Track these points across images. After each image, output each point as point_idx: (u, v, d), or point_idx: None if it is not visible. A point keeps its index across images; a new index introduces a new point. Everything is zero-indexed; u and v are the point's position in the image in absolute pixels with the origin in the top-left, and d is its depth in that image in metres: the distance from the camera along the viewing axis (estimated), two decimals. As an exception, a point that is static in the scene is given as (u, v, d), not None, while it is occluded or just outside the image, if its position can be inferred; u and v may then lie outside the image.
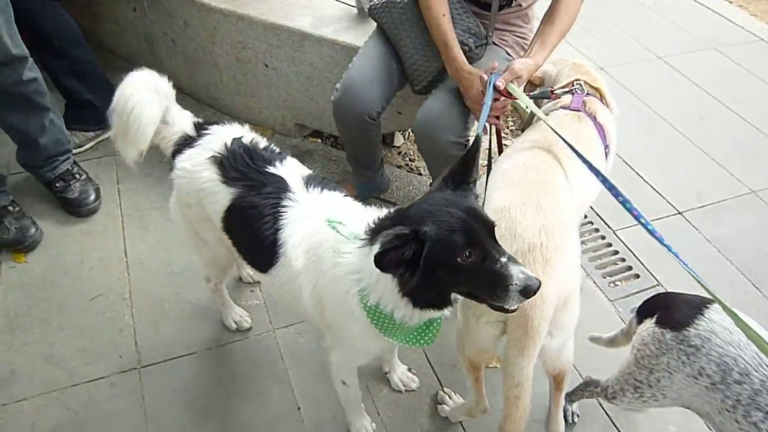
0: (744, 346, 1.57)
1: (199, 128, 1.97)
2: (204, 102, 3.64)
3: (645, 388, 1.76)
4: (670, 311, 1.72)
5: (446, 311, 1.56)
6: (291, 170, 1.84)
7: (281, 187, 1.77)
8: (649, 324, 1.75)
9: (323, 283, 1.67)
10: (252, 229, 1.75)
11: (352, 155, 2.91)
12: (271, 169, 1.81)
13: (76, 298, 2.57)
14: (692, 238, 3.02)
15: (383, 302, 1.52)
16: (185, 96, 3.74)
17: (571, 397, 2.17)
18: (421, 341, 1.64)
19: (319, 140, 3.47)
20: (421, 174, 3.26)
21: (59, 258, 2.74)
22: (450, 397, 2.25)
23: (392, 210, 1.59)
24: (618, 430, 2.22)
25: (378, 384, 2.32)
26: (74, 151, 3.20)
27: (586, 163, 1.75)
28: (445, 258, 1.37)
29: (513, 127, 3.58)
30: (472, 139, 2.74)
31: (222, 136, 1.90)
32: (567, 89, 2.23)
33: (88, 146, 3.29)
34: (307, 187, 1.79)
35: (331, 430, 2.19)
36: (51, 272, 2.68)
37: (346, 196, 1.83)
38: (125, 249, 2.78)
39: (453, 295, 1.52)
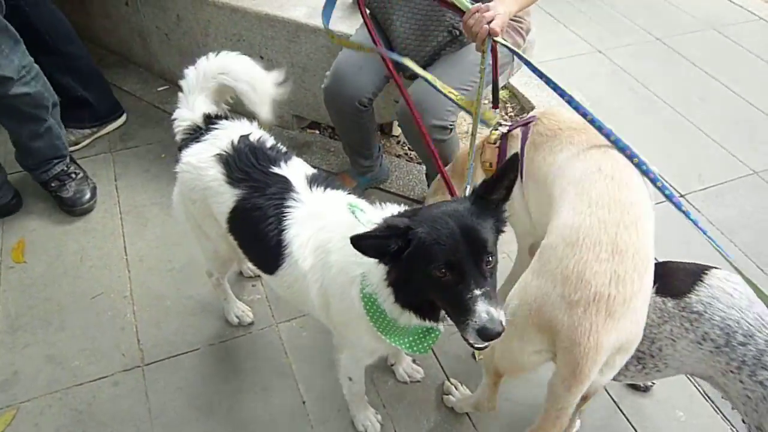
0: (746, 308, 1.60)
1: (209, 121, 1.94)
2: (200, 96, 3.61)
3: (647, 358, 1.76)
4: (669, 280, 1.72)
5: (440, 325, 1.56)
6: (295, 170, 1.81)
7: (285, 187, 1.75)
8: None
9: (329, 278, 1.66)
10: (257, 231, 1.74)
11: (348, 145, 2.89)
12: (275, 170, 1.79)
13: (76, 297, 2.56)
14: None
15: (376, 291, 1.52)
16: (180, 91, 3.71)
17: None
18: (415, 348, 1.62)
19: (317, 131, 3.45)
20: (420, 163, 3.23)
21: (59, 257, 2.72)
22: (456, 388, 2.24)
23: (411, 208, 1.59)
24: (624, 414, 2.21)
25: (383, 376, 2.31)
26: (70, 149, 3.17)
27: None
28: (423, 265, 1.35)
29: (512, 113, 3.55)
30: (456, 123, 2.71)
31: (230, 132, 1.88)
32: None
33: (84, 143, 3.27)
34: (310, 187, 1.77)
35: (337, 424, 2.18)
36: (51, 272, 2.66)
37: (350, 193, 1.80)
38: (125, 246, 2.76)
39: (442, 313, 1.50)
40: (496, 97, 2.18)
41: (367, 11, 2.47)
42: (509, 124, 2.06)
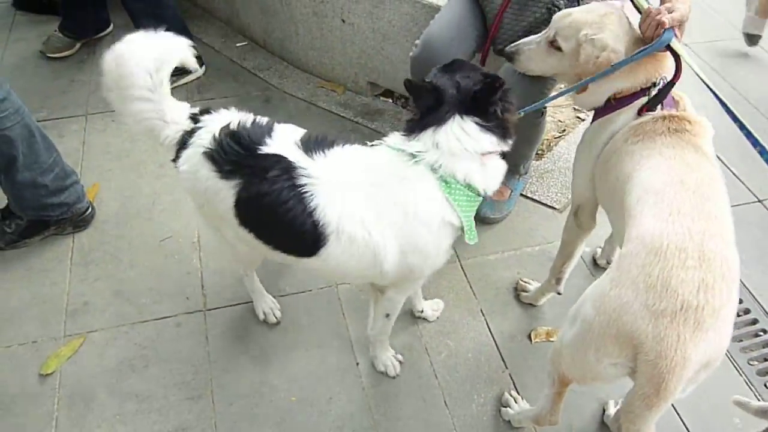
0: None
1: (195, 121, 1.83)
2: (277, 55, 3.65)
3: None
4: None
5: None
6: (284, 143, 1.72)
7: (285, 166, 1.67)
8: None
9: (412, 215, 1.68)
10: (276, 218, 1.67)
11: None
12: (264, 149, 1.69)
13: (146, 239, 2.65)
14: (772, 228, 2.89)
15: (463, 170, 1.66)
16: (259, 48, 3.76)
17: None
18: (472, 233, 1.75)
19: (390, 100, 3.44)
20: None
21: (132, 198, 2.81)
22: (516, 401, 2.15)
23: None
24: (678, 414, 2.16)
25: (437, 347, 2.33)
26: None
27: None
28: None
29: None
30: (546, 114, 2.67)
31: (212, 127, 1.78)
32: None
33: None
34: (311, 156, 1.70)
35: (389, 388, 2.20)
36: (124, 211, 2.76)
37: (344, 144, 1.78)
38: (195, 194, 2.83)
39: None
40: None
41: None
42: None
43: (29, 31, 3.76)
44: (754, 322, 2.49)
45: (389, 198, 1.68)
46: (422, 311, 2.38)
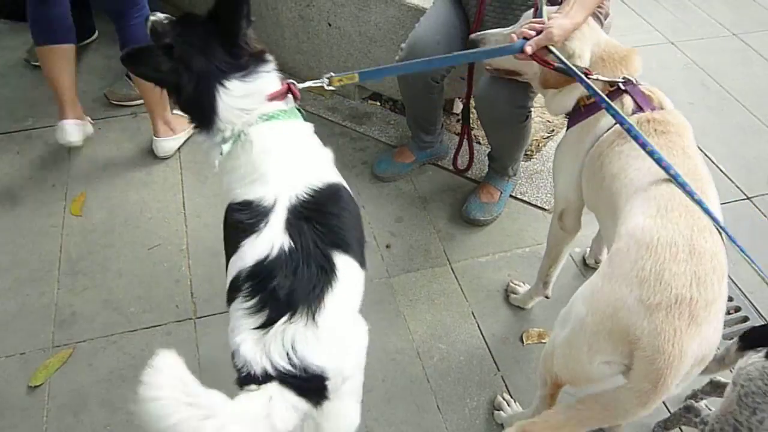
0: None
1: None
2: (264, 59, 3.63)
3: (744, 430, 1.60)
4: None
5: None
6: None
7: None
8: (757, 358, 1.59)
9: None
10: None
11: (413, 119, 2.88)
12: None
13: (135, 247, 2.62)
14: (760, 225, 2.89)
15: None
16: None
17: (666, 424, 2.03)
18: None
19: (378, 103, 3.43)
20: (479, 143, 3.19)
21: (119, 206, 2.79)
22: (509, 405, 2.14)
23: None
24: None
25: (429, 351, 2.32)
26: (136, 102, 3.24)
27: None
28: None
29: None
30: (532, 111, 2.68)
31: None
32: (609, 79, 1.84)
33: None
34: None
35: (381, 393, 2.19)
36: (111, 220, 2.73)
37: None
38: (183, 201, 2.82)
39: None
40: None
41: None
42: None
43: (13, 39, 3.72)
44: (745, 319, 2.50)
45: None
46: None
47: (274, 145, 1.56)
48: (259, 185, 1.53)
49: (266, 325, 1.36)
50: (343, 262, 1.45)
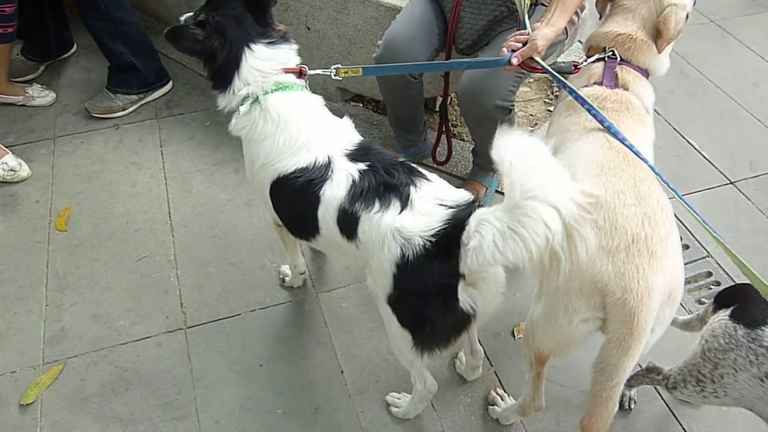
0: None
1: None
2: (245, 66, 3.62)
3: (707, 382, 1.69)
4: (748, 306, 1.64)
5: None
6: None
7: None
8: (723, 316, 1.67)
9: None
10: None
11: (394, 117, 2.88)
12: None
13: (122, 259, 2.61)
14: (744, 209, 2.92)
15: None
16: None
17: (630, 382, 2.07)
18: None
19: (361, 105, 3.43)
20: (463, 140, 3.20)
21: (105, 220, 2.77)
22: (503, 399, 2.16)
23: None
24: (676, 418, 2.16)
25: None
26: (118, 114, 3.23)
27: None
28: None
29: (558, 93, 3.48)
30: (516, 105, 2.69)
31: None
32: (595, 57, 1.98)
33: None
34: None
35: (375, 394, 2.20)
36: (98, 233, 2.72)
37: None
38: (169, 212, 2.80)
39: None
40: None
41: None
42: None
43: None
44: (717, 284, 2.56)
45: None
46: None
47: (301, 115, 1.78)
48: (304, 153, 1.73)
49: (403, 207, 1.58)
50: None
